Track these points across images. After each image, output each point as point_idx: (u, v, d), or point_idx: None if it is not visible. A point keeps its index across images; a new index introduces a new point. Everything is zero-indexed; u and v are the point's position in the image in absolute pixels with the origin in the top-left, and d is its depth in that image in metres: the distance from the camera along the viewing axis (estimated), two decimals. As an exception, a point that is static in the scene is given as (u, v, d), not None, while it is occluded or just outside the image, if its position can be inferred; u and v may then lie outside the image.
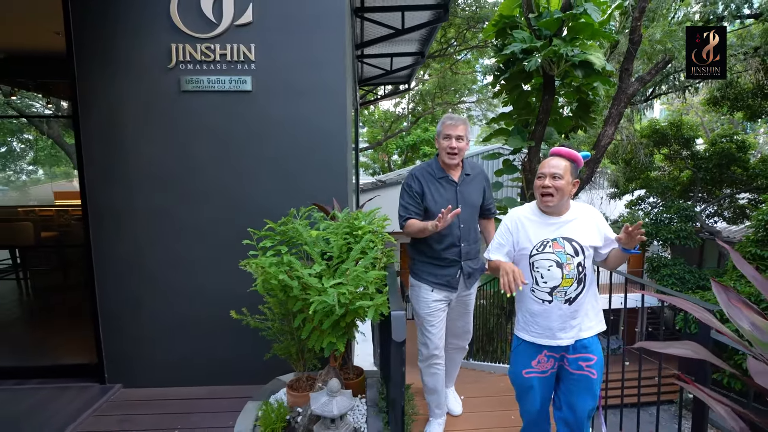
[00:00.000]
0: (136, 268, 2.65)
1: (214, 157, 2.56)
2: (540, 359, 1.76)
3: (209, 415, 2.48)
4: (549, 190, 1.64)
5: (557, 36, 5.24)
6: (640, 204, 10.74)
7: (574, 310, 1.71)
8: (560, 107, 6.14)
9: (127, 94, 2.51)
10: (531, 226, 1.72)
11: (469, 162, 2.23)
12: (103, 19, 2.47)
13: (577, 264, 1.67)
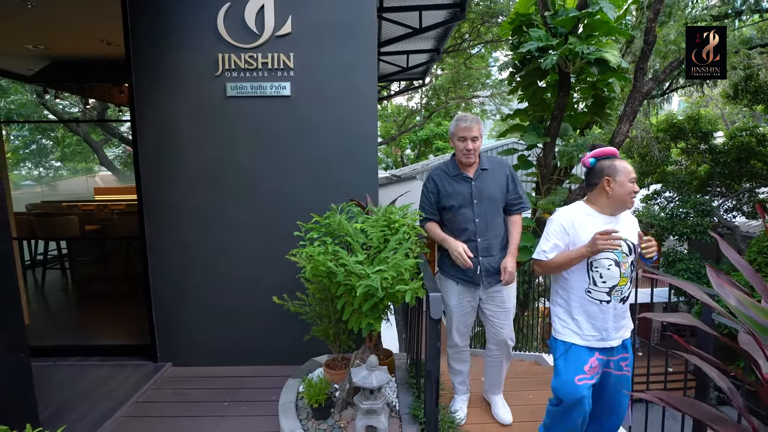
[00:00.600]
0: (185, 258, 2.92)
1: (257, 156, 2.81)
2: (592, 363, 1.70)
3: (253, 390, 2.75)
4: (635, 196, 1.68)
5: (573, 33, 5.35)
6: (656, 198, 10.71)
7: (625, 308, 1.72)
8: (575, 103, 6.23)
9: (178, 101, 2.77)
10: (589, 226, 1.70)
11: (488, 156, 2.24)
12: (157, 32, 2.72)
13: (630, 262, 1.69)
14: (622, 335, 1.74)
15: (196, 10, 2.69)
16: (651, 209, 9.95)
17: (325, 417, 2.26)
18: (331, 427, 2.19)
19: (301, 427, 2.19)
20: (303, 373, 2.73)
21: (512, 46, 6.24)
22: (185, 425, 2.36)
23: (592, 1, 5.18)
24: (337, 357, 2.66)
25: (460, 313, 2.29)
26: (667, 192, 10.33)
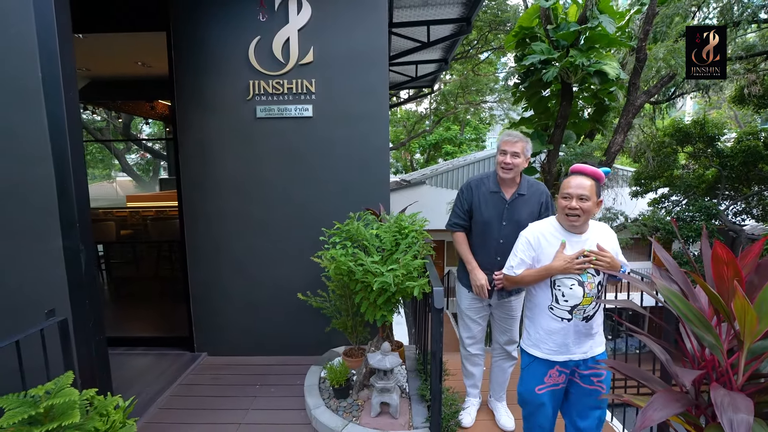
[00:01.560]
0: (220, 259, 3.30)
1: (282, 170, 3.17)
2: (551, 374, 1.77)
3: (279, 376, 3.10)
4: (576, 211, 1.63)
5: (574, 46, 5.62)
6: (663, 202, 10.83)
7: (589, 327, 1.73)
8: (579, 110, 6.50)
9: (215, 121, 3.16)
10: (554, 242, 1.72)
11: (529, 181, 2.22)
12: (197, 62, 3.11)
13: (597, 283, 1.70)
14: (587, 351, 1.75)
15: (231, 43, 3.07)
16: (657, 213, 10.08)
17: (345, 396, 2.60)
18: (350, 405, 2.53)
19: (324, 404, 2.54)
20: (323, 361, 3.08)
21: (516, 58, 6.55)
22: (226, 403, 2.73)
23: (593, 16, 5.46)
24: (354, 347, 3.01)
25: (472, 320, 2.38)
26: (674, 196, 10.45)
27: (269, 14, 3.03)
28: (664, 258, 1.35)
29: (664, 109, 10.54)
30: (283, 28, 3.02)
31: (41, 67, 1.93)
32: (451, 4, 6.37)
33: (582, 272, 1.68)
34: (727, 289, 1.19)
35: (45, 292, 2.05)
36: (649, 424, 1.12)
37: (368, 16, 3.03)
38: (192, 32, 3.09)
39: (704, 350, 1.31)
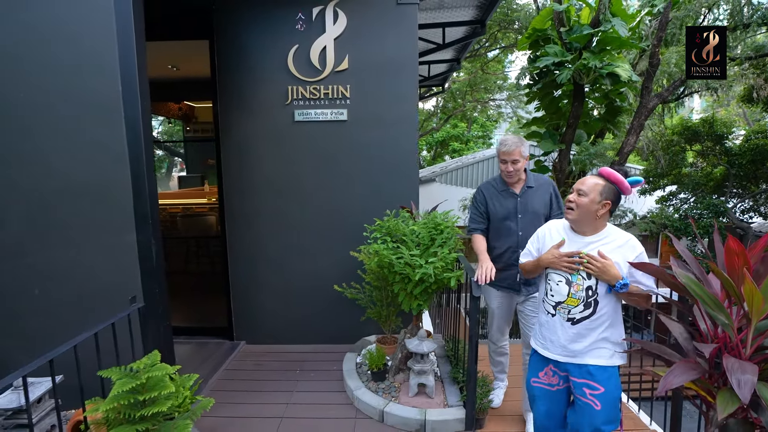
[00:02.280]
0: (258, 253, 3.54)
1: (319, 170, 3.41)
2: (546, 371, 1.78)
3: (317, 362, 3.35)
4: (571, 204, 1.66)
5: (587, 48, 5.79)
6: (671, 200, 10.97)
7: (577, 332, 1.67)
8: (591, 110, 6.67)
9: (255, 125, 3.39)
10: (557, 239, 1.75)
11: (535, 175, 2.36)
12: (238, 68, 3.34)
13: (587, 287, 1.65)
14: (576, 359, 1.69)
15: (271, 51, 3.30)
16: (665, 210, 10.23)
17: (382, 379, 2.84)
18: (387, 386, 2.77)
19: (364, 386, 2.78)
20: (357, 349, 3.32)
21: (529, 59, 6.73)
22: (271, 386, 2.97)
23: (605, 19, 5.63)
24: (387, 335, 3.25)
25: (500, 316, 2.48)
26: (682, 193, 10.58)
27: (307, 24, 3.25)
28: (681, 250, 1.57)
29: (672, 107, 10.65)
30: (320, 37, 3.24)
31: (121, 83, 2.17)
32: (466, 7, 6.56)
33: (572, 271, 1.67)
34: (737, 276, 1.41)
35: (122, 280, 2.30)
36: (669, 387, 1.34)
37: (399, 26, 3.24)
38: (234, 40, 3.32)
39: (717, 328, 1.53)
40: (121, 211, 2.25)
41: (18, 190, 2.28)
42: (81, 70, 2.20)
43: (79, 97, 2.21)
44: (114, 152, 2.22)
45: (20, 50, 2.20)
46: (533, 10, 10.47)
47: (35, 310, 2.36)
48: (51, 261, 2.31)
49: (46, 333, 2.34)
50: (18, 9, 2.19)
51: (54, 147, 2.25)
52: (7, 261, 2.30)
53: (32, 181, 2.27)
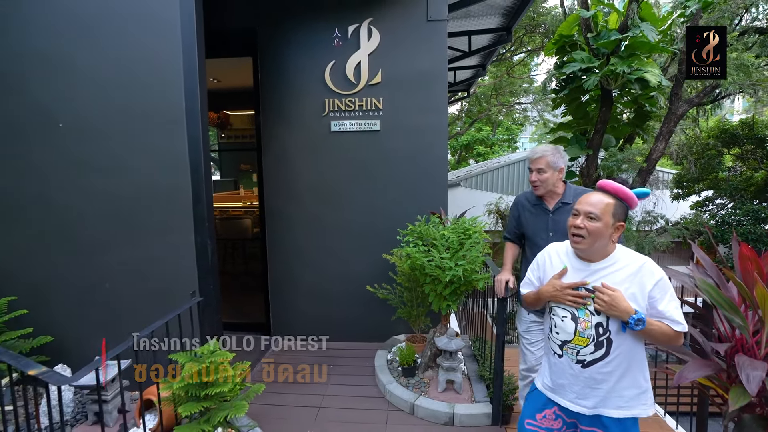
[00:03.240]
0: (296, 254, 3.79)
1: (353, 177, 3.63)
2: (547, 414, 1.53)
3: (348, 359, 3.55)
4: (580, 231, 1.40)
5: (614, 54, 5.80)
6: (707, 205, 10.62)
7: (590, 377, 1.42)
8: (619, 114, 6.63)
9: (294, 134, 3.65)
10: (558, 266, 1.51)
11: (575, 189, 2.20)
12: (279, 83, 3.62)
13: (596, 324, 1.40)
14: (591, 406, 1.43)
15: (309, 66, 3.55)
16: (700, 216, 9.93)
17: (412, 375, 3.01)
18: (417, 382, 2.94)
19: (395, 381, 2.96)
20: (388, 346, 3.50)
21: (556, 65, 6.76)
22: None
23: (634, 24, 5.62)
24: (416, 334, 3.42)
25: (531, 339, 2.28)
26: (719, 199, 10.24)
27: (343, 41, 3.49)
28: (701, 257, 1.67)
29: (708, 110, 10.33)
30: (355, 53, 3.47)
31: (185, 99, 2.45)
32: (492, 15, 6.68)
33: (579, 306, 1.43)
34: (750, 281, 1.51)
35: (182, 276, 2.58)
36: (683, 381, 1.46)
37: (430, 41, 3.43)
38: (276, 58, 3.60)
39: (735, 331, 1.63)
40: (182, 214, 2.54)
41: (98, 194, 2.61)
42: (151, 88, 2.50)
43: (149, 113, 2.52)
44: (177, 161, 2.51)
45: (99, 72, 2.53)
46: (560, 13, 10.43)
47: (107, 301, 2.68)
48: (123, 258, 2.62)
49: (116, 321, 2.66)
50: (98, 37, 2.52)
51: (127, 157, 2.57)
52: (89, 257, 2.64)
53: (109, 186, 2.59)
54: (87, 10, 2.52)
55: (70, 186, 2.63)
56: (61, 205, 2.66)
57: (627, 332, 1.37)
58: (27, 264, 2.74)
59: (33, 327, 2.73)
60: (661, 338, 1.35)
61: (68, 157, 2.62)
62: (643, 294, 1.35)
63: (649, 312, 1.35)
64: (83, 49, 2.53)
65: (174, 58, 2.43)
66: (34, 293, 2.73)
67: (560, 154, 2.17)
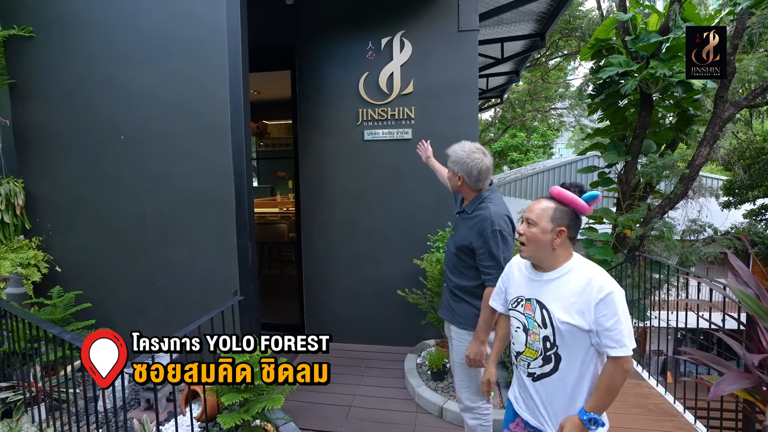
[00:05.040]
0: (330, 258, 3.94)
1: (384, 183, 3.74)
2: (518, 422, 1.51)
3: (379, 361, 3.63)
4: (521, 238, 1.40)
5: (654, 56, 5.60)
6: (763, 214, 9.91)
7: (539, 391, 1.39)
8: (660, 119, 6.37)
9: (329, 143, 3.82)
10: (518, 277, 1.50)
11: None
12: (315, 95, 3.81)
13: (543, 338, 1.36)
14: (539, 421, 1.41)
15: (344, 78, 3.72)
16: (755, 225, 9.28)
17: (441, 379, 3.05)
18: (446, 386, 2.97)
19: (424, 384, 3.00)
20: (417, 350, 3.55)
21: (592, 69, 6.61)
22: (340, 378, 3.30)
23: (676, 25, 5.42)
24: (445, 339, 3.45)
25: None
26: (776, 207, 9.53)
27: (376, 53, 3.63)
28: (738, 266, 1.63)
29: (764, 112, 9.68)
30: (388, 65, 3.60)
31: (230, 114, 2.66)
32: (525, 21, 6.65)
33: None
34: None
35: (224, 276, 2.77)
36: (720, 394, 1.43)
37: (461, 51, 3.50)
38: (313, 70, 3.79)
39: (778, 343, 1.57)
40: (225, 218, 2.73)
41: (150, 199, 2.86)
42: (201, 104, 2.73)
43: (199, 125, 2.75)
44: (222, 170, 2.71)
45: (156, 90, 2.80)
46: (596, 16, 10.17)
47: (159, 297, 2.92)
48: (174, 258, 2.85)
49: (166, 315, 2.89)
50: (155, 59, 2.79)
51: (178, 166, 2.81)
52: (144, 257, 2.89)
53: (160, 192, 2.84)
54: (144, 35, 2.80)
55: (131, 192, 2.91)
56: (123, 208, 2.94)
57: (563, 343, 1.32)
58: (93, 261, 3.04)
59: (95, 319, 3.01)
60: (612, 385, 1.28)
61: (130, 166, 2.90)
62: (589, 308, 1.28)
63: (596, 329, 1.27)
64: (142, 70, 2.81)
65: (221, 77, 2.65)
66: (98, 289, 3.02)
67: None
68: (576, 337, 1.30)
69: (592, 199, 1.36)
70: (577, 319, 1.28)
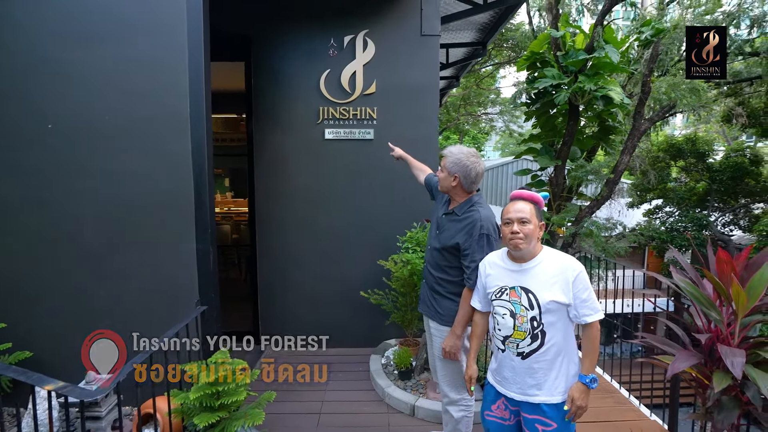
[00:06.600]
0: (288, 259, 3.79)
1: (345, 183, 3.69)
2: (499, 404, 1.72)
3: (343, 364, 3.58)
4: (518, 235, 1.58)
5: (582, 72, 6.25)
6: (657, 213, 11.53)
7: (528, 366, 1.60)
8: (583, 128, 7.13)
9: (287, 141, 3.67)
10: (496, 271, 1.70)
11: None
12: (272, 90, 3.63)
13: (531, 318, 1.58)
14: (529, 394, 1.62)
15: (304, 74, 3.60)
16: (652, 224, 10.76)
17: (408, 378, 3.10)
18: (414, 384, 3.03)
19: (393, 384, 3.03)
20: (380, 351, 3.58)
21: (527, 80, 7.18)
22: (303, 386, 3.19)
23: (599, 45, 6.10)
24: (408, 338, 3.51)
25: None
26: (668, 207, 11.14)
27: (339, 51, 3.57)
28: (681, 260, 1.90)
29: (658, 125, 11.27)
30: (351, 63, 3.56)
31: (191, 102, 2.44)
32: (469, 30, 6.98)
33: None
34: (726, 280, 1.74)
35: (183, 284, 2.54)
36: (676, 371, 1.65)
37: (423, 55, 3.58)
38: (270, 64, 3.61)
39: (710, 324, 1.86)
40: (183, 220, 2.50)
41: (92, 199, 2.52)
42: (155, 90, 2.46)
43: (152, 116, 2.47)
44: (180, 165, 2.47)
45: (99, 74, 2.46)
46: (528, 30, 11.03)
47: (99, 311, 2.58)
48: (120, 265, 2.54)
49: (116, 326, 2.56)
50: (97, 40, 2.45)
51: (128, 161, 2.50)
52: (83, 265, 2.53)
53: (106, 191, 2.51)
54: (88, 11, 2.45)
55: (68, 191, 2.53)
56: (58, 210, 2.54)
57: (549, 320, 1.58)
58: (11, 271, 2.59)
59: (12, 342, 2.58)
60: (596, 345, 1.60)
61: (67, 161, 2.52)
62: (567, 285, 1.56)
63: (574, 302, 1.56)
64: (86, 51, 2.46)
65: (180, 62, 2.41)
66: (20, 304, 2.58)
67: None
68: (558, 313, 1.58)
69: (545, 198, 1.74)
70: (559, 296, 1.56)
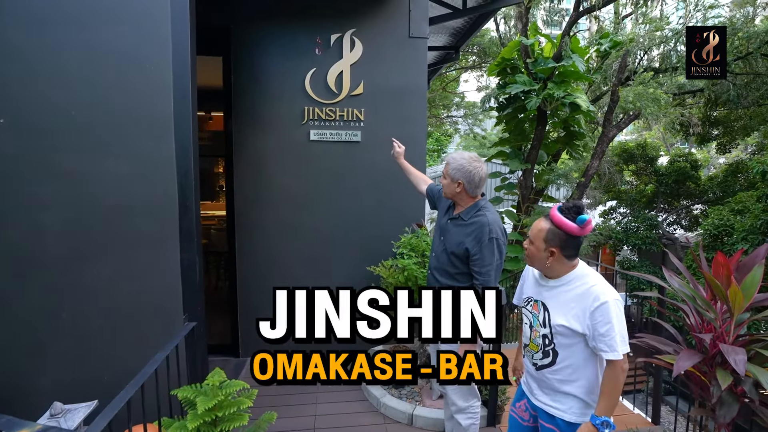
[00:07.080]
0: (271, 266, 3.60)
1: (331, 186, 3.57)
2: (522, 404, 1.73)
3: (329, 372, 3.46)
4: (526, 252, 1.59)
5: (550, 79, 6.51)
6: (611, 214, 12.28)
7: (540, 379, 1.60)
8: (549, 133, 7.44)
9: (270, 142, 3.49)
10: (530, 280, 1.69)
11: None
12: (254, 88, 3.45)
13: (543, 335, 1.55)
14: (544, 402, 1.60)
15: (289, 72, 3.44)
16: (608, 224, 11.44)
17: (402, 386, 3.04)
18: (409, 392, 2.98)
19: (387, 393, 2.96)
20: (369, 357, 3.48)
21: (499, 85, 7.38)
22: (293, 399, 3.05)
23: (566, 54, 6.38)
24: (399, 345, 3.46)
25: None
26: (621, 208, 11.90)
27: (325, 50, 3.44)
28: (675, 262, 1.99)
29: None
30: (338, 63, 3.45)
31: (174, 99, 2.23)
32: (442, 34, 7.06)
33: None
34: (723, 281, 1.83)
35: (164, 298, 2.32)
36: (681, 370, 1.71)
37: (411, 56, 3.54)
38: (252, 60, 3.42)
39: (704, 322, 1.96)
40: (166, 227, 2.28)
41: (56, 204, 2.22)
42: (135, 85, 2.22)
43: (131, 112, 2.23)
44: (163, 167, 2.25)
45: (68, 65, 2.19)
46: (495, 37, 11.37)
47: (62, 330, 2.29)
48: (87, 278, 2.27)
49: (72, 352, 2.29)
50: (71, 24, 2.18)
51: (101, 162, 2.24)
52: (43, 278, 2.23)
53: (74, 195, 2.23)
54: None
55: (26, 195, 2.21)
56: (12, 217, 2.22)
57: (562, 342, 1.50)
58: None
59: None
60: (616, 386, 1.41)
61: (27, 162, 2.20)
62: (585, 314, 1.43)
63: (591, 333, 1.42)
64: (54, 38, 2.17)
65: (163, 53, 2.20)
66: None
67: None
68: (571, 338, 1.48)
69: (583, 221, 1.43)
70: (572, 323, 1.46)
